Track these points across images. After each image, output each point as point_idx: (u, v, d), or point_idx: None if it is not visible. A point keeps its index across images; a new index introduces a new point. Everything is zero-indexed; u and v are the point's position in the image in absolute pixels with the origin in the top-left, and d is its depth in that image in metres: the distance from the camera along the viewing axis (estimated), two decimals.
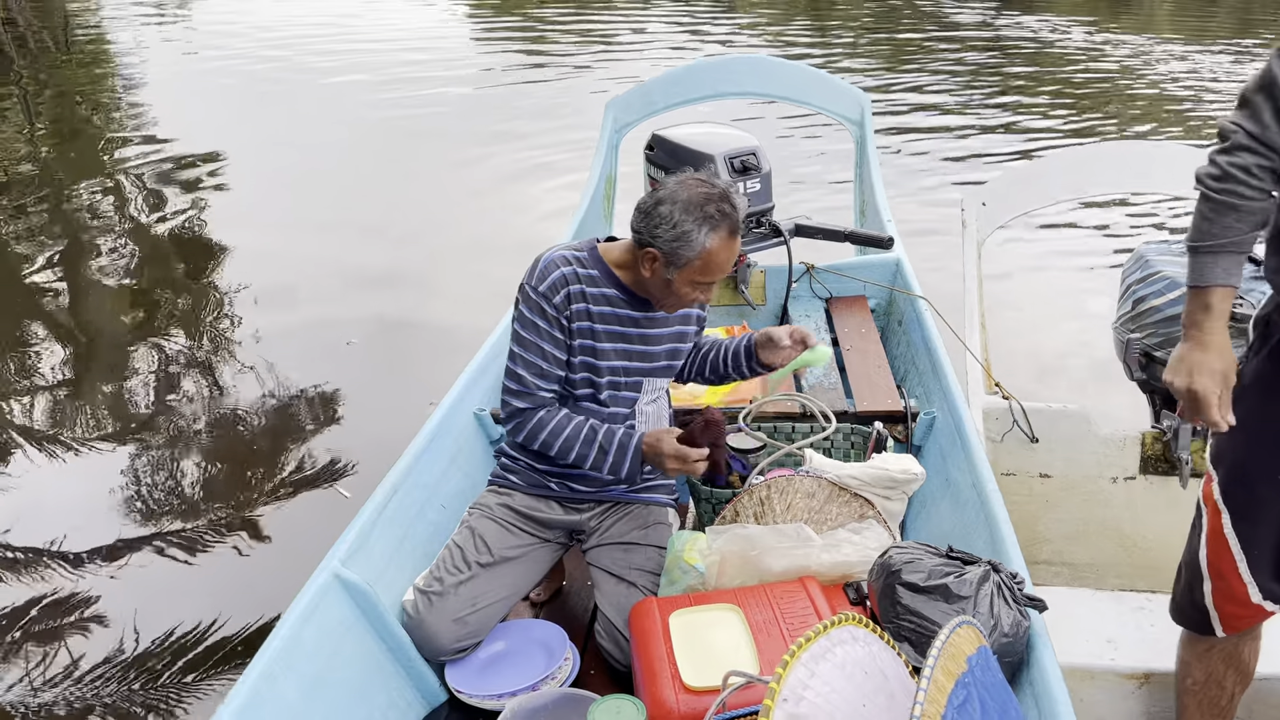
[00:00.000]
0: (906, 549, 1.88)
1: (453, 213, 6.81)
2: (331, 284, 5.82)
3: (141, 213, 7.28)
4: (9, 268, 6.26)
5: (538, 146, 8.14)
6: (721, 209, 2.12)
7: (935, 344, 2.98)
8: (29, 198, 7.61)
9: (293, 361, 4.88)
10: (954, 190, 6.86)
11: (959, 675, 1.25)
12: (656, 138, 3.55)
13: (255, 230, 6.78)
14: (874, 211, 4.00)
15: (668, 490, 2.47)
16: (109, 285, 6.02)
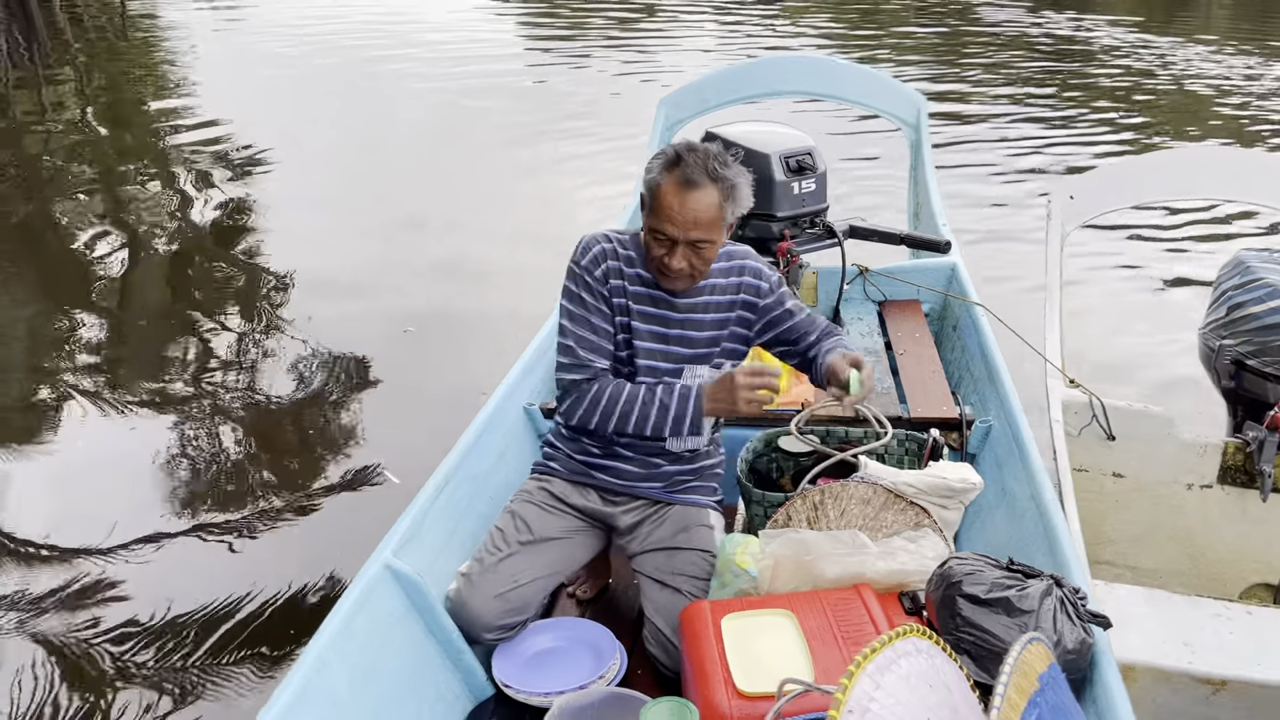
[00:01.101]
0: (967, 560, 1.85)
1: (504, 207, 6.82)
2: (385, 271, 5.84)
3: (192, 195, 7.38)
4: (64, 247, 6.37)
5: (589, 143, 8.14)
6: (679, 150, 2.11)
7: (992, 351, 2.94)
8: (83, 177, 7.74)
9: (347, 347, 4.91)
10: (1007, 196, 6.78)
11: (1031, 693, 1.23)
12: (710, 135, 3.52)
13: (307, 214, 6.84)
14: (929, 215, 3.95)
15: (709, 491, 2.42)
16: (161, 268, 6.10)
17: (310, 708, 1.77)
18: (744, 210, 2.15)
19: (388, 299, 5.47)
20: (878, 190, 6.45)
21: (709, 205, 2.07)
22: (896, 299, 3.48)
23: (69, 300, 5.55)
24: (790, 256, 3.37)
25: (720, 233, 2.13)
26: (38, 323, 5.30)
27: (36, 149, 8.64)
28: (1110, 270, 5.61)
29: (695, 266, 2.15)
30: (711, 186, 2.07)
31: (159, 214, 7.00)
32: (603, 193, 6.79)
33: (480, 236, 6.31)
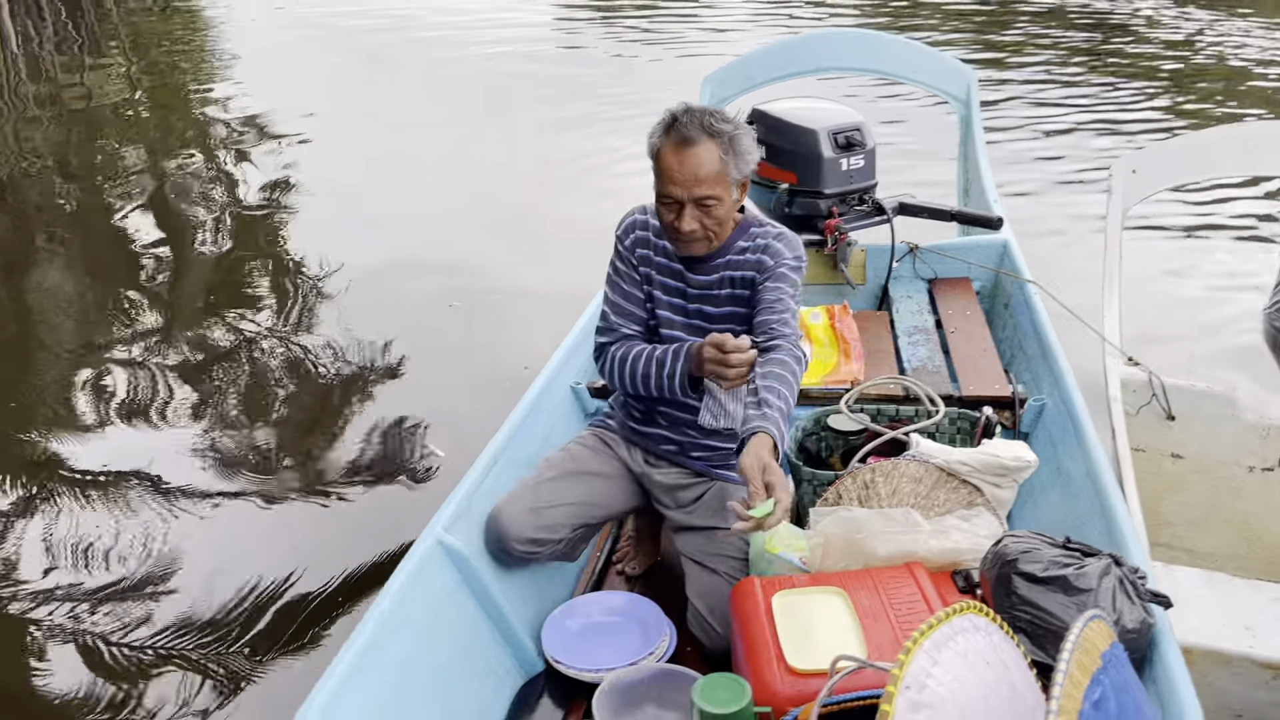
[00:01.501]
0: (1022, 538, 1.82)
1: (547, 188, 6.81)
2: (431, 247, 5.87)
3: (236, 171, 7.48)
4: (113, 227, 6.48)
5: (630, 122, 8.10)
6: (675, 112, 2.10)
7: (1045, 329, 2.89)
8: (131, 157, 7.88)
9: (393, 321, 4.93)
10: (1057, 176, 6.64)
11: (1094, 671, 1.20)
12: (757, 112, 3.49)
13: (351, 191, 6.89)
14: (979, 191, 3.88)
15: None
16: (209, 244, 6.19)
17: (364, 682, 1.79)
18: (751, 166, 2.11)
19: (434, 274, 5.50)
20: (926, 167, 6.36)
21: (708, 160, 2.05)
22: (947, 276, 3.44)
23: (118, 278, 5.65)
24: (838, 234, 3.34)
25: (725, 189, 2.08)
26: (88, 300, 5.41)
27: (86, 131, 8.80)
28: (1172, 246, 5.47)
29: (707, 227, 2.11)
30: (709, 141, 2.05)
31: (206, 191, 7.11)
32: (647, 175, 6.76)
33: (525, 215, 6.30)
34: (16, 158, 8.09)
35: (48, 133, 8.79)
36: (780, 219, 3.44)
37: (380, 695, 1.81)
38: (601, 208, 6.14)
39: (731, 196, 2.11)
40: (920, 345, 3.03)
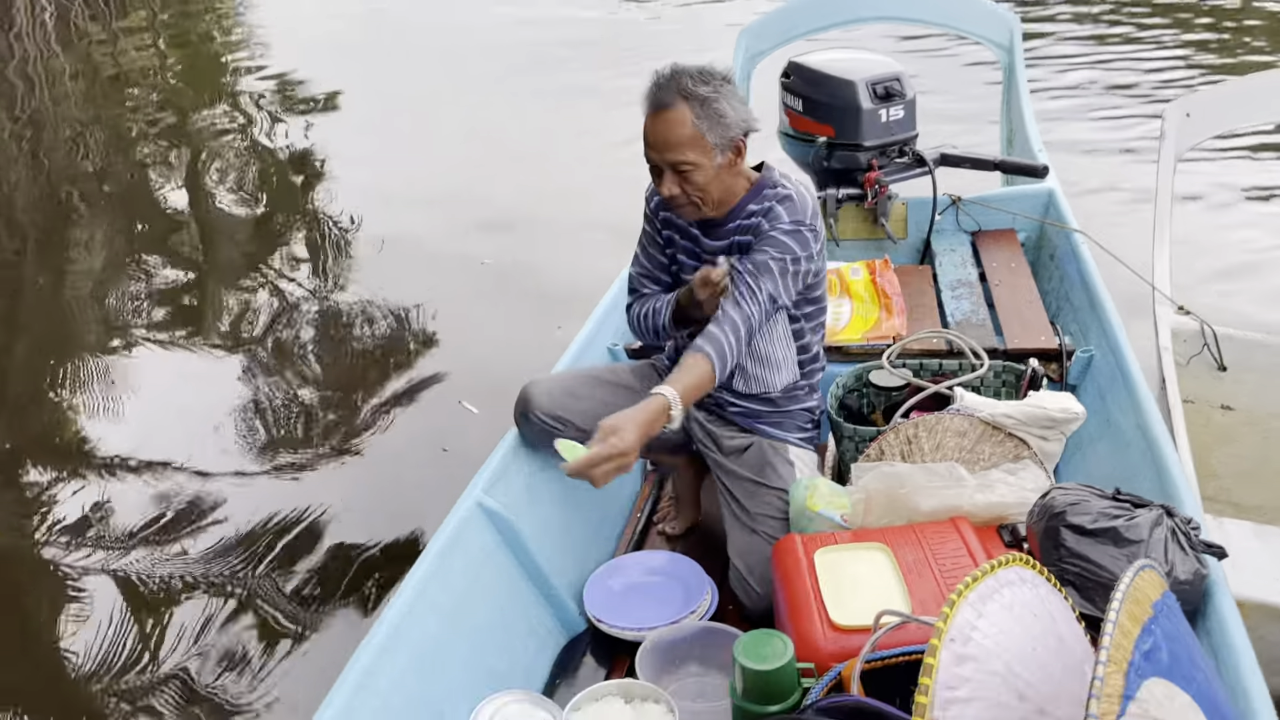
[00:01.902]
0: (1070, 490, 1.78)
1: (575, 149, 6.76)
2: (463, 206, 5.86)
3: (266, 135, 7.55)
4: (145, 192, 6.57)
5: None
6: (657, 73, 2.04)
7: (1093, 278, 2.81)
8: (160, 122, 7.97)
9: (425, 281, 4.95)
10: (1106, 124, 6.46)
11: (1145, 620, 1.17)
12: (793, 65, 3.42)
13: (381, 152, 6.91)
14: (1023, 141, 3.79)
15: (793, 428, 2.32)
16: (237, 209, 6.26)
17: (410, 638, 1.80)
18: (735, 130, 2.01)
19: (465, 235, 5.50)
20: (968, 116, 6.21)
21: (679, 123, 1.98)
22: (991, 228, 3.36)
23: (149, 244, 5.74)
24: (878, 187, 3.28)
25: (703, 153, 2.00)
26: (118, 267, 5.50)
27: (116, 94, 8.91)
28: (1226, 192, 5.31)
29: (688, 193, 2.05)
30: (682, 104, 1.97)
31: (236, 155, 7.18)
32: None
33: (552, 175, 6.25)
34: (54, 124, 8.23)
35: (79, 96, 8.92)
36: (819, 173, 3.39)
37: (423, 654, 1.82)
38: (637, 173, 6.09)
39: (713, 161, 2.02)
40: (964, 298, 2.97)
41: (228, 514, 3.39)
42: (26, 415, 4.13)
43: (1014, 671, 1.24)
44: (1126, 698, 1.08)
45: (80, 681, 2.79)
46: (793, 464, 2.24)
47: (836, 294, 2.99)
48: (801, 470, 2.25)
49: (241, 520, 3.35)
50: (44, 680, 2.85)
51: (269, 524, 3.31)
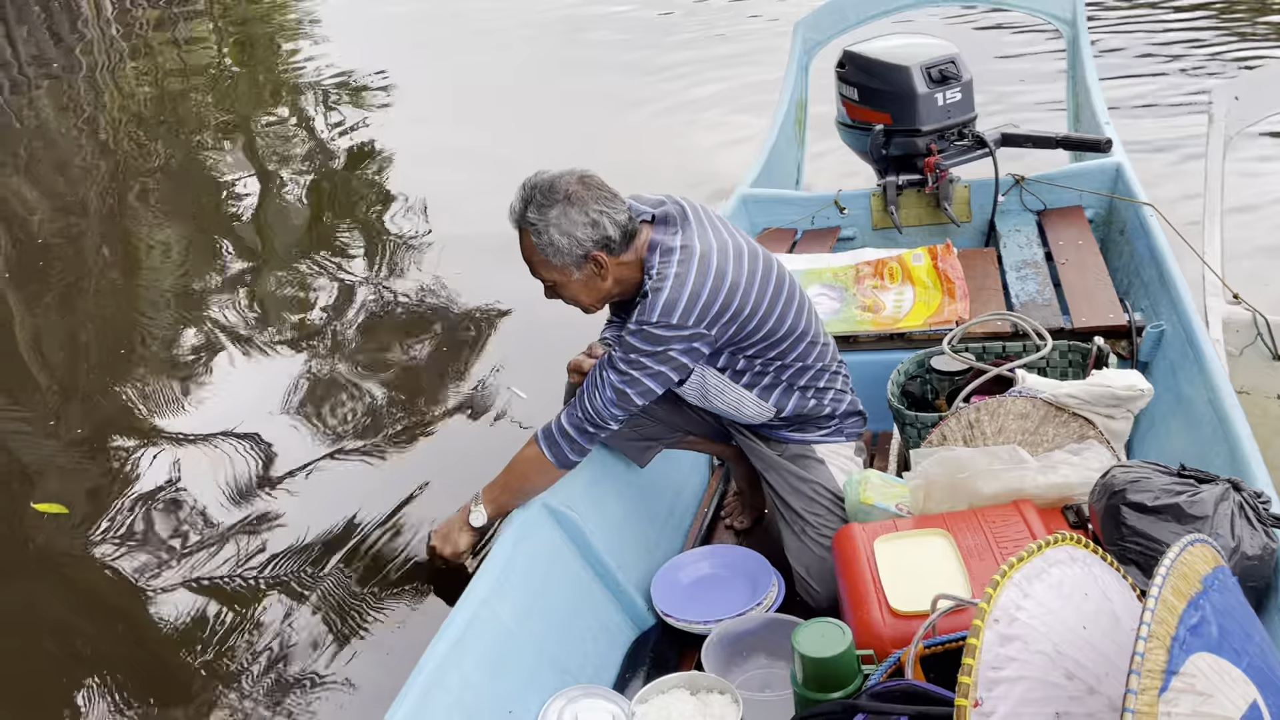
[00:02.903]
0: (1131, 468, 1.75)
1: (631, 140, 6.77)
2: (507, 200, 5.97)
3: (324, 126, 7.76)
4: (208, 182, 6.83)
5: (713, 71, 7.97)
6: (520, 188, 2.11)
7: (1164, 252, 2.75)
8: (221, 112, 8.29)
9: (470, 266, 5.02)
10: (1173, 100, 6.24)
11: (1192, 595, 1.16)
12: (848, 54, 3.41)
13: (438, 144, 7.02)
14: (1090, 116, 3.71)
15: (816, 428, 2.26)
16: (300, 199, 6.44)
17: (480, 636, 1.86)
18: (577, 251, 2.01)
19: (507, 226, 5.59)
20: (1029, 95, 6.07)
21: (526, 247, 2.08)
22: (1057, 206, 3.29)
23: (214, 232, 5.95)
24: (939, 171, 3.25)
25: (560, 273, 2.06)
26: (179, 260, 5.70)
27: (178, 87, 9.28)
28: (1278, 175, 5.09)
29: (565, 301, 2.16)
30: (525, 230, 2.06)
31: (295, 146, 7.40)
32: (729, 126, 6.66)
33: (616, 155, 6.23)
34: (118, 113, 8.62)
35: (142, 86, 9.33)
36: (878, 161, 3.37)
37: (493, 652, 1.87)
38: (709, 163, 6.12)
39: (571, 278, 2.07)
40: (1029, 279, 2.93)
41: (291, 505, 3.47)
42: (97, 402, 4.32)
43: (1062, 651, 1.23)
44: (1170, 672, 1.07)
45: (166, 653, 2.92)
46: (822, 461, 2.24)
47: (898, 281, 2.97)
48: (834, 465, 2.25)
49: (307, 511, 3.43)
50: (135, 649, 2.98)
51: (316, 511, 3.40)
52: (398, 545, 3.24)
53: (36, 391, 4.41)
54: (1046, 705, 1.19)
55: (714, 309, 1.99)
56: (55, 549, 3.38)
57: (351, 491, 3.51)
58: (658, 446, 2.42)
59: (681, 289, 1.97)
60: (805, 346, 2.17)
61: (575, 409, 2.09)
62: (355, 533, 3.32)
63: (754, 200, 3.50)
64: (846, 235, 3.46)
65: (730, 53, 8.42)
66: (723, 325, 2.02)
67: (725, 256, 2.03)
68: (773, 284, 2.09)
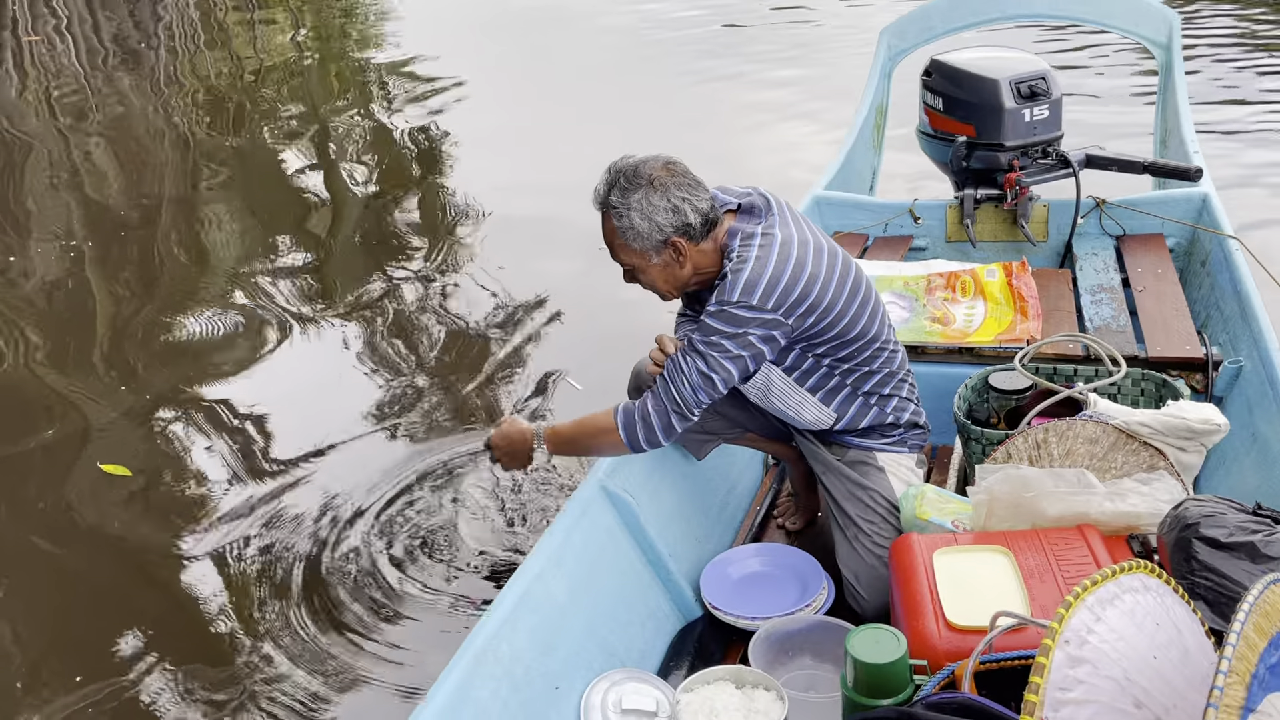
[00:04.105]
0: (1206, 502, 1.72)
1: (715, 148, 6.78)
2: (581, 195, 5.99)
3: (391, 122, 7.86)
4: (275, 171, 6.97)
5: (795, 76, 7.94)
6: (606, 170, 2.09)
7: (1246, 286, 2.69)
8: (293, 108, 8.42)
9: (539, 265, 5.08)
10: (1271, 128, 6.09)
11: (1273, 634, 1.14)
12: (935, 63, 3.37)
13: (503, 141, 7.10)
14: (1178, 143, 3.63)
15: (880, 435, 2.25)
16: (364, 192, 6.54)
17: (533, 611, 1.88)
18: (657, 237, 2.01)
19: (583, 222, 5.61)
20: (1115, 118, 5.96)
21: (608, 230, 2.08)
22: (1137, 233, 3.24)
23: (281, 215, 6.07)
24: (1019, 188, 3.21)
25: (639, 257, 2.06)
26: (248, 241, 5.82)
27: (253, 79, 9.44)
28: None
29: (644, 286, 2.15)
30: (606, 214, 2.06)
31: (361, 141, 7.51)
32: (816, 133, 6.63)
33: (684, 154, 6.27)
34: (193, 95, 8.77)
35: (219, 79, 9.50)
36: (957, 173, 3.34)
37: (543, 629, 1.89)
38: (767, 161, 6.09)
39: (650, 262, 2.06)
40: (1104, 304, 2.88)
41: (337, 480, 3.53)
42: (158, 372, 4.40)
43: (1131, 679, 1.22)
44: (1247, 709, 1.05)
45: (209, 615, 2.98)
46: (883, 469, 2.23)
47: (970, 295, 2.94)
48: (894, 474, 2.23)
49: (364, 487, 3.50)
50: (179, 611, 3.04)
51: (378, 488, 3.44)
52: (439, 523, 3.29)
53: (112, 356, 4.52)
54: None
55: (793, 296, 1.99)
56: (115, 508, 3.48)
57: (392, 470, 3.57)
58: (716, 441, 2.42)
59: (762, 270, 1.98)
60: (874, 350, 2.16)
61: (659, 397, 2.08)
62: (399, 511, 3.36)
63: (827, 203, 3.48)
64: (919, 245, 3.42)
65: (801, 66, 8.39)
66: (799, 316, 2.02)
67: (805, 249, 2.03)
68: (850, 283, 2.09)
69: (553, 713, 1.83)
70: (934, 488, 2.17)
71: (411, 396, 4.06)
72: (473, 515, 3.27)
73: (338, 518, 3.33)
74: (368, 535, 3.24)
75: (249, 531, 3.32)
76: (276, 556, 3.21)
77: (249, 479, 3.60)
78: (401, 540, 3.19)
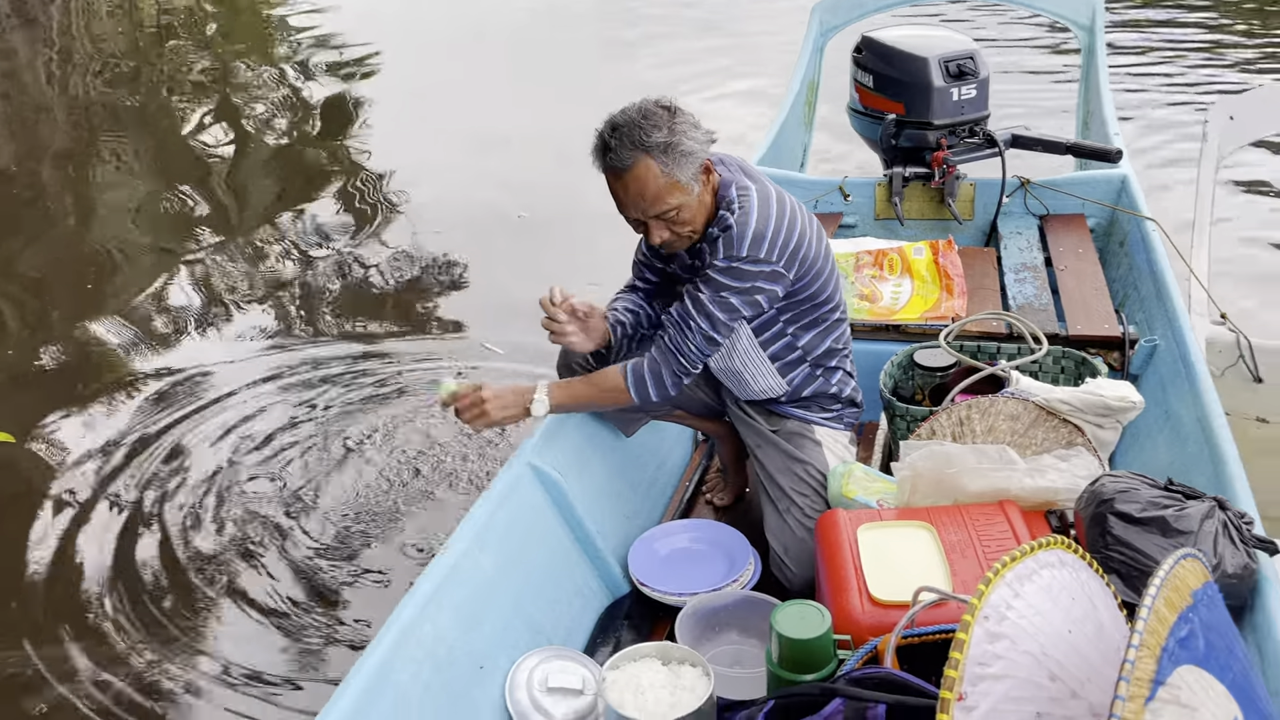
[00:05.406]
0: (1121, 478, 1.76)
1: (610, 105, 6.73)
2: (503, 159, 5.92)
3: (299, 83, 7.74)
4: (179, 134, 6.78)
5: (723, 56, 7.91)
6: (602, 135, 1.97)
7: (1162, 268, 2.76)
8: (197, 67, 8.20)
9: (458, 229, 5.06)
10: (1182, 111, 6.24)
11: (1182, 608, 1.16)
12: (866, 40, 3.38)
13: (418, 102, 7.02)
14: (1099, 124, 3.70)
15: (820, 409, 2.28)
16: (270, 153, 6.42)
17: (458, 589, 1.85)
18: (699, 159, 1.97)
19: (503, 185, 5.55)
20: (1041, 99, 6.06)
21: (650, 179, 1.93)
22: (1060, 213, 3.30)
23: (181, 183, 5.91)
24: (946, 166, 3.24)
25: (680, 193, 1.96)
26: (150, 204, 5.69)
27: (154, 38, 9.17)
28: (1263, 196, 5.10)
29: (678, 233, 2.03)
30: (645, 159, 1.92)
31: (267, 103, 7.35)
32: (744, 108, 6.61)
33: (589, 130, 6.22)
34: (88, 59, 8.47)
35: (119, 35, 9.18)
36: (887, 150, 3.36)
37: (468, 609, 1.86)
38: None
39: (693, 192, 1.98)
40: (1027, 283, 2.93)
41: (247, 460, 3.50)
42: (53, 337, 4.30)
43: (1048, 653, 1.24)
44: (1157, 682, 1.07)
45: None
46: (819, 443, 2.24)
47: (897, 272, 2.97)
48: (830, 449, 2.24)
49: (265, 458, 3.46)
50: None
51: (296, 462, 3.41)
52: (366, 498, 3.25)
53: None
54: (1028, 705, 1.19)
55: (790, 246, 2.02)
56: None
57: (310, 441, 3.52)
58: (645, 418, 2.41)
59: (766, 222, 1.99)
60: (835, 320, 2.21)
61: (666, 352, 2.06)
62: (322, 489, 3.32)
63: None
64: (848, 223, 3.45)
65: (729, 36, 8.35)
66: (795, 270, 2.05)
67: (790, 203, 2.07)
68: (824, 243, 2.15)
69: (477, 692, 1.81)
70: (862, 466, 2.19)
71: (320, 365, 4.02)
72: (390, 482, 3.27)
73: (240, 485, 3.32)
74: (269, 501, 3.24)
75: (143, 495, 3.28)
76: (181, 529, 3.17)
77: (137, 440, 3.56)
78: (289, 502, 3.18)
